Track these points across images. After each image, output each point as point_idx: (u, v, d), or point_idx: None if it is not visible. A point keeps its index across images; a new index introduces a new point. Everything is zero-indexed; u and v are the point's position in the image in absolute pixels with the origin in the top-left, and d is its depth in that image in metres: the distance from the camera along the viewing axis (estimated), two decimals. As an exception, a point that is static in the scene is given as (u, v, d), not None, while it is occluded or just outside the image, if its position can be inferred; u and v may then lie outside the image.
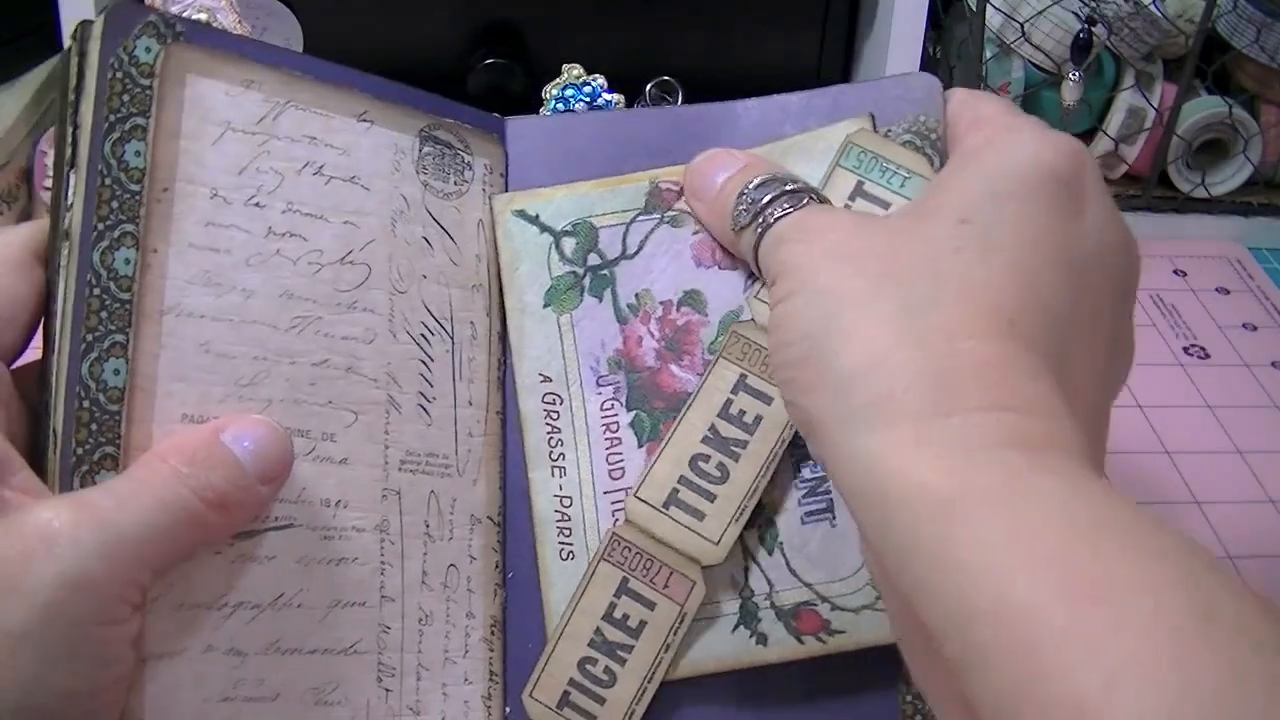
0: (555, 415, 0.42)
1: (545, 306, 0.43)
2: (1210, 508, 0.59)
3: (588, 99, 0.68)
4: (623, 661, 0.39)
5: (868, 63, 0.78)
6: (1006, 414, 0.28)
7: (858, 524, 0.31)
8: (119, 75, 0.33)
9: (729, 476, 0.39)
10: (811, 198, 0.37)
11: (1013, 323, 0.30)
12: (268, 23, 0.74)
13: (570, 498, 0.41)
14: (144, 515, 0.30)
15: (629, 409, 0.41)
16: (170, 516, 0.31)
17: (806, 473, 0.40)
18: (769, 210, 0.37)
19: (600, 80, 0.69)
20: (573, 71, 0.68)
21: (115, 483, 0.32)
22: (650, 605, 0.39)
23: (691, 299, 0.42)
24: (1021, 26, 0.75)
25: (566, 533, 0.41)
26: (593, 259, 0.43)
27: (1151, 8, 0.74)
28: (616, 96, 0.69)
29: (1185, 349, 0.70)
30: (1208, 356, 0.69)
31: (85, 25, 0.33)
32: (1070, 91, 0.72)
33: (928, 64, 0.80)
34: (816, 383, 0.31)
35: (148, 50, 0.33)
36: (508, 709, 0.40)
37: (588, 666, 0.39)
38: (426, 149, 0.41)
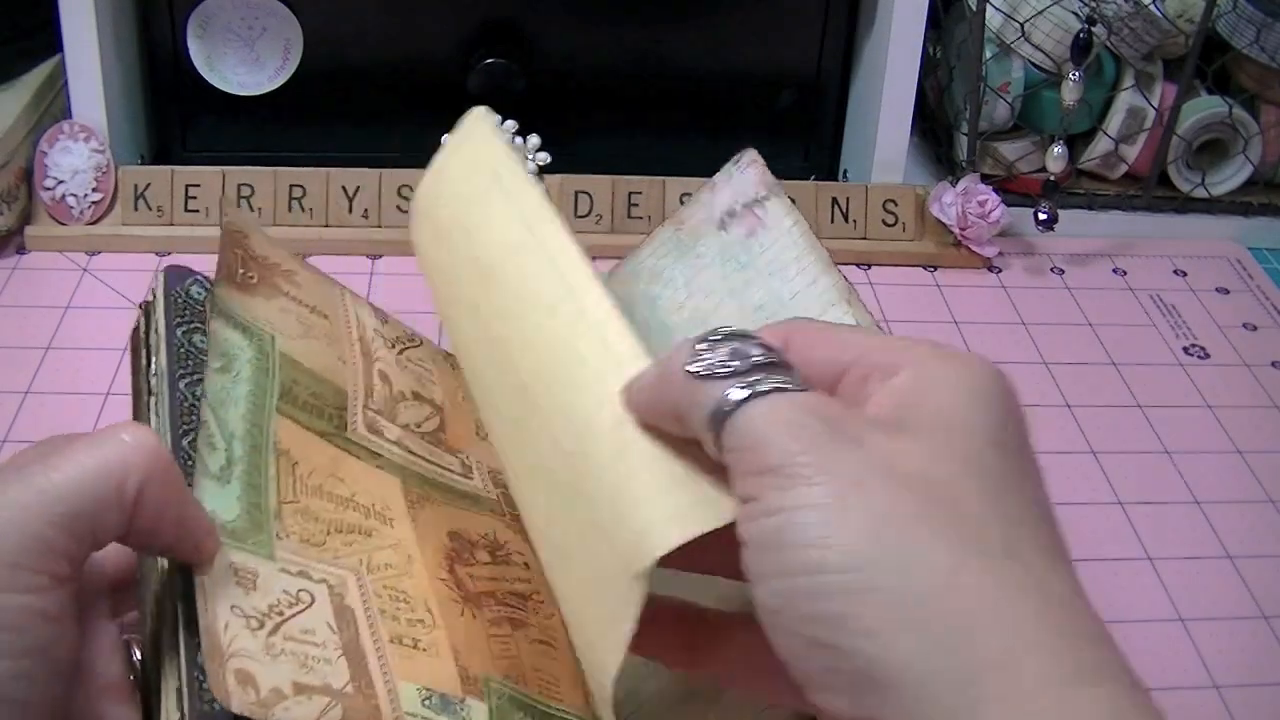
0: None
1: None
2: (1210, 508, 0.59)
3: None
4: None
5: (868, 63, 0.78)
6: (1123, 678, 0.25)
7: None
8: (180, 299, 0.42)
9: None
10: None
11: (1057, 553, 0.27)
12: (268, 23, 0.74)
13: None
14: (71, 484, 0.30)
15: None
16: (109, 483, 0.30)
17: None
18: (755, 378, 0.28)
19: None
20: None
21: (74, 451, 0.31)
22: None
23: None
24: (1021, 26, 0.75)
25: None
26: None
27: (1151, 8, 0.74)
28: (543, 155, 0.70)
29: (1185, 349, 0.70)
30: (1208, 356, 0.69)
31: (150, 303, 0.42)
32: (1070, 91, 0.72)
33: (928, 64, 0.80)
34: (888, 623, 0.24)
35: (199, 292, 0.43)
36: None
37: None
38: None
